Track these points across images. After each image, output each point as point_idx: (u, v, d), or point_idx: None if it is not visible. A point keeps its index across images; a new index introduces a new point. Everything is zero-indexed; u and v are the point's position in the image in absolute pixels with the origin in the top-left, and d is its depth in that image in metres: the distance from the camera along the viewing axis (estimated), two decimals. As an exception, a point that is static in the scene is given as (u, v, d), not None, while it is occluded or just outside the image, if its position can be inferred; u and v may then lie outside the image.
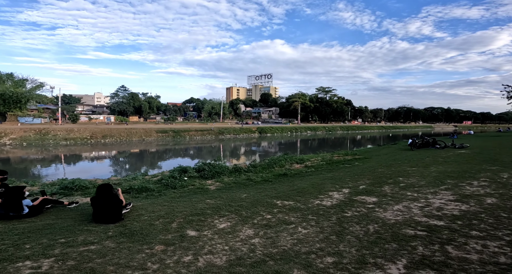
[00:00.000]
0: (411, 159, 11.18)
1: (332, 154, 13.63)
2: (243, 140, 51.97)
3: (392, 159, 11.80)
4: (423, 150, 15.37)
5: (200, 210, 4.69)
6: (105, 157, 29.01)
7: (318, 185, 6.70)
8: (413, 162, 10.21)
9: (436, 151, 14.40)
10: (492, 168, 8.20)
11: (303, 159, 11.25)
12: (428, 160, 10.65)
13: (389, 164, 10.07)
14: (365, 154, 14.18)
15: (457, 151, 14.27)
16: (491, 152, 12.74)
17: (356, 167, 9.90)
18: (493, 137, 26.88)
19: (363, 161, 11.30)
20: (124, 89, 61.03)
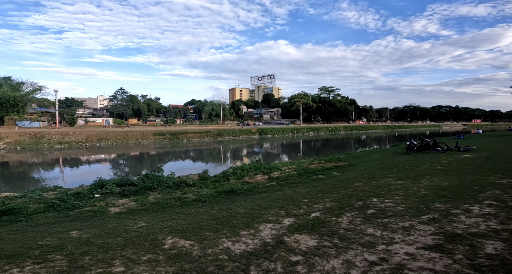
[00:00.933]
0: (402, 167, 9.22)
1: (313, 160, 11.74)
2: (241, 142, 50.27)
3: (380, 166, 9.85)
4: (421, 154, 13.30)
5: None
6: (88, 161, 27.68)
7: (260, 209, 4.91)
8: (403, 172, 8.26)
9: (436, 155, 12.33)
10: (502, 181, 6.22)
11: (272, 168, 9.44)
12: (422, 169, 8.67)
13: (372, 174, 8.16)
14: (352, 160, 12.23)
15: (461, 154, 12.17)
16: (502, 157, 10.63)
17: (330, 179, 8.03)
18: (503, 136, 24.34)
19: (344, 170, 9.41)
20: (123, 92, 60.27)
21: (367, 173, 8.43)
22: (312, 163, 10.87)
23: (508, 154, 11.75)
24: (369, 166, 10.13)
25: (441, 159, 11.02)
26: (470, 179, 6.70)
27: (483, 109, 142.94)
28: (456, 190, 5.53)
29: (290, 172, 9.10)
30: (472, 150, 13.45)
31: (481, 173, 7.43)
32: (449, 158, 11.03)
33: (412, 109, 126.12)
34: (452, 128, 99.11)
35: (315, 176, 8.49)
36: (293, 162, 11.92)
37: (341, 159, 11.82)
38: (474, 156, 11.52)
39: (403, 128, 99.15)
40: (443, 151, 13.46)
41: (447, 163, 9.82)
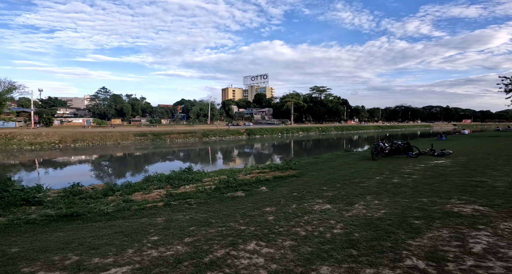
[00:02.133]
0: (351, 180, 7.14)
1: (255, 169, 9.62)
2: (227, 143, 48.09)
3: (326, 178, 7.77)
4: (389, 160, 11.28)
5: None
6: (45, 164, 25.16)
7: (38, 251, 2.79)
8: (345, 188, 6.19)
9: (404, 161, 10.31)
10: (464, 209, 4.15)
11: (192, 180, 7.33)
12: (373, 183, 6.61)
13: (305, 192, 6.07)
14: (306, 168, 10.15)
15: (434, 160, 10.16)
16: (481, 164, 8.64)
17: (247, 197, 5.93)
18: (490, 137, 22.51)
19: (279, 184, 7.32)
20: (105, 91, 57.61)
21: (300, 190, 6.34)
22: (251, 172, 8.77)
23: (491, 159, 9.76)
24: (315, 177, 8.04)
25: (407, 166, 8.99)
26: (421, 202, 4.63)
27: (473, 110, 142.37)
28: (383, 229, 3.45)
29: (211, 185, 7.00)
30: (448, 154, 11.46)
31: (443, 190, 5.39)
32: (416, 166, 9.00)
33: (404, 109, 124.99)
34: (443, 129, 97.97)
35: (234, 192, 6.39)
36: (234, 169, 9.83)
37: (291, 167, 9.73)
38: (448, 162, 9.52)
39: (394, 129, 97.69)
40: (415, 155, 11.45)
41: (410, 172, 7.77)
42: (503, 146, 14.98)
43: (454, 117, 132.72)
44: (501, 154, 11.34)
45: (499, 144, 16.33)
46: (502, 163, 8.62)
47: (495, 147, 14.51)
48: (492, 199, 4.62)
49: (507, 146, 14.86)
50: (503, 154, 11.31)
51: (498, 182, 5.87)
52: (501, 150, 13.00)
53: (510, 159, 9.51)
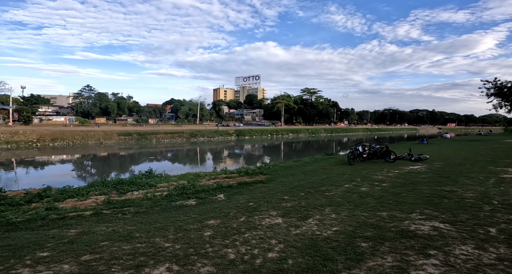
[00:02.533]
0: (317, 188, 6.62)
1: (221, 173, 9.00)
2: (215, 144, 47.23)
3: (294, 185, 7.23)
4: (366, 164, 10.89)
5: None
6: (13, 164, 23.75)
7: None
8: (307, 198, 5.64)
9: (379, 167, 9.92)
10: (422, 226, 3.66)
11: (146, 185, 6.64)
12: (339, 192, 6.10)
13: (263, 202, 5.49)
14: (277, 173, 9.61)
15: (409, 166, 9.81)
16: (455, 171, 8.32)
17: (196, 207, 5.30)
18: (470, 141, 22.67)
19: (240, 191, 6.71)
20: (89, 89, 55.61)
21: (259, 199, 5.76)
22: (217, 177, 8.14)
23: (467, 165, 9.48)
24: (282, 184, 7.48)
25: (381, 172, 8.57)
26: (380, 217, 4.13)
27: (458, 114, 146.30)
28: (323, 255, 2.88)
29: (163, 191, 6.33)
30: (425, 159, 11.17)
31: (408, 202, 4.92)
32: (390, 172, 8.60)
33: (392, 112, 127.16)
34: (428, 132, 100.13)
35: (185, 200, 5.75)
36: (200, 173, 9.17)
37: (262, 172, 9.16)
38: (423, 168, 9.17)
39: (382, 131, 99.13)
40: (392, 160, 11.10)
41: (382, 180, 7.33)
42: (482, 150, 14.90)
43: (439, 121, 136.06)
44: (478, 159, 11.13)
45: (478, 148, 16.29)
46: (478, 170, 8.31)
47: (474, 151, 14.40)
48: (456, 214, 4.17)
49: (486, 150, 14.79)
50: (480, 159, 11.10)
51: (468, 192, 5.47)
52: (479, 154, 12.85)
53: (487, 165, 9.24)
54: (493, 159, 10.94)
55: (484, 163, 9.83)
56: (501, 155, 12.58)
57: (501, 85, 29.12)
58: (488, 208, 4.42)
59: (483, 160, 10.83)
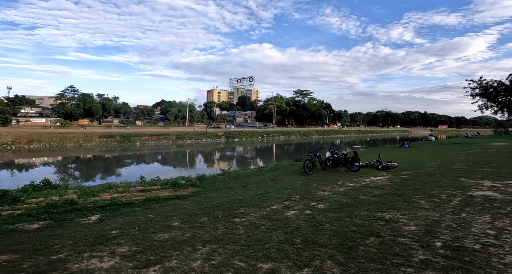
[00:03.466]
0: (236, 209, 5.00)
1: (135, 185, 7.33)
2: (203, 146, 45.50)
3: (212, 204, 5.62)
4: (327, 173, 9.36)
5: None
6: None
7: None
8: (203, 227, 4.03)
9: (338, 178, 8.37)
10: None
11: (13, 199, 4.99)
12: (256, 217, 4.52)
13: (119, 234, 3.89)
14: (214, 184, 7.99)
15: (370, 177, 8.26)
16: (418, 183, 6.80)
17: (18, 235, 3.70)
18: (454, 145, 21.31)
19: (131, 211, 5.07)
20: (73, 90, 53.53)
21: (138, 223, 4.14)
22: (126, 190, 6.50)
23: (436, 176, 7.97)
24: (198, 202, 5.86)
25: (332, 186, 7.02)
26: (270, 266, 2.56)
27: (449, 116, 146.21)
28: None
29: (28, 209, 4.70)
30: (393, 167, 9.66)
31: (319, 243, 3.30)
32: (343, 185, 7.04)
33: (384, 114, 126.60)
34: (420, 134, 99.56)
35: (28, 223, 4.10)
36: (110, 184, 7.48)
37: (194, 184, 7.54)
38: (384, 180, 7.63)
39: (374, 133, 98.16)
40: (356, 169, 9.56)
41: (324, 198, 5.75)
42: (463, 155, 13.46)
43: (431, 123, 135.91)
44: (453, 167, 9.64)
45: (459, 153, 14.87)
46: (445, 183, 6.79)
47: (452, 157, 12.93)
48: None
49: (467, 156, 13.35)
50: (456, 167, 9.62)
51: (411, 223, 3.88)
52: (457, 161, 11.39)
53: (459, 177, 7.74)
54: (471, 167, 9.47)
55: (457, 173, 8.33)
56: (481, 161, 11.13)
57: (486, 85, 27.73)
58: (420, 257, 2.87)
59: (458, 168, 9.34)
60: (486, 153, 14.70)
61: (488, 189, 5.98)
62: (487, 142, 23.42)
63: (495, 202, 4.86)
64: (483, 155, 13.71)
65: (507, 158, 12.20)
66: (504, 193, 5.59)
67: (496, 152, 14.78)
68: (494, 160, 11.60)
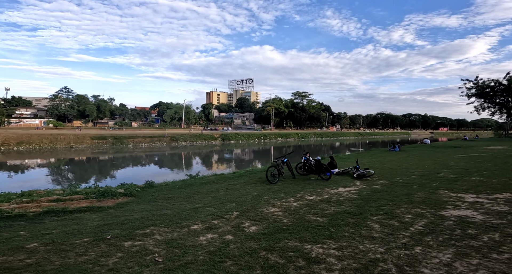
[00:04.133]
0: (134, 230, 3.87)
1: (51, 193, 6.24)
2: (197, 148, 44.48)
3: (119, 220, 4.52)
4: (292, 182, 8.24)
5: None
6: None
7: None
8: (71, 253, 2.97)
9: (301, 188, 7.25)
10: None
11: None
12: (149, 244, 3.43)
13: None
14: (152, 194, 6.91)
15: (338, 187, 7.12)
16: (385, 199, 5.68)
17: None
18: (449, 148, 20.01)
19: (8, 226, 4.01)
20: (67, 91, 52.89)
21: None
22: (34, 200, 5.44)
23: (413, 187, 6.82)
24: (115, 215, 4.78)
25: (287, 200, 5.90)
26: None
27: (450, 118, 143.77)
28: None
29: None
30: (370, 175, 8.48)
31: None
32: (300, 200, 5.91)
33: (384, 116, 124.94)
34: (420, 136, 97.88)
35: None
36: (24, 192, 6.41)
37: (129, 193, 6.46)
38: (351, 192, 6.48)
39: (373, 135, 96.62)
40: (326, 177, 8.40)
41: (263, 217, 4.63)
42: (453, 161, 12.24)
43: (431, 125, 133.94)
44: (437, 175, 8.45)
45: (451, 157, 13.64)
46: (418, 198, 5.62)
47: (441, 163, 11.70)
48: None
49: (458, 161, 12.12)
50: (440, 176, 8.43)
51: (335, 268, 2.75)
52: (446, 167, 10.19)
53: (439, 189, 6.57)
54: (458, 176, 8.28)
55: (439, 183, 7.15)
56: (472, 168, 9.93)
57: (483, 85, 26.10)
58: None
59: (443, 177, 8.15)
60: (480, 157, 13.46)
61: (469, 207, 4.81)
62: (484, 145, 22.10)
63: (469, 228, 3.70)
64: (476, 160, 12.48)
65: (502, 164, 10.98)
66: (487, 213, 4.42)
67: (491, 157, 13.54)
68: (487, 166, 10.39)
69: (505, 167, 9.95)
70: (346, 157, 15.72)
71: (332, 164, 9.86)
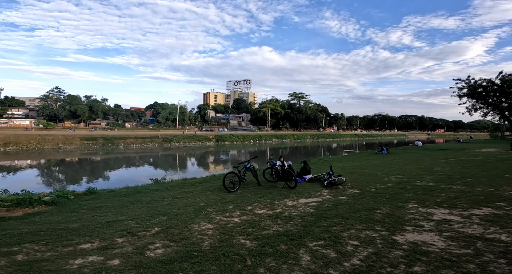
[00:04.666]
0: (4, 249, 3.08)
1: None
2: (190, 149, 43.56)
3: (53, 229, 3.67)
4: (258, 190, 7.38)
5: None
6: None
7: None
8: None
9: (262, 196, 6.41)
10: None
11: None
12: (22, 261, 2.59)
13: None
14: (81, 203, 6.03)
15: (299, 199, 6.25)
16: (342, 215, 4.83)
17: None
18: (439, 151, 19.17)
19: None
20: (59, 91, 51.96)
21: None
22: None
23: (383, 199, 5.98)
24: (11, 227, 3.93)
25: (237, 212, 5.06)
26: None
27: (447, 120, 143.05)
28: None
29: None
30: (341, 183, 7.62)
31: None
32: (251, 213, 5.06)
33: (381, 118, 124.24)
34: (417, 137, 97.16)
35: None
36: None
37: (51, 201, 5.59)
38: (310, 205, 5.62)
39: (370, 137, 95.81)
40: (292, 186, 7.53)
41: (186, 236, 3.79)
42: (440, 165, 11.37)
43: (428, 127, 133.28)
44: (415, 184, 7.59)
45: (439, 161, 12.78)
46: (381, 214, 4.77)
47: (426, 167, 10.85)
48: None
49: (444, 165, 11.26)
50: (418, 184, 7.57)
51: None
52: (429, 172, 9.35)
53: (410, 200, 5.72)
54: (437, 184, 7.42)
55: (413, 194, 6.29)
56: (457, 174, 9.08)
57: (475, 85, 25.13)
58: None
59: (420, 185, 7.29)
60: (469, 161, 12.61)
61: (433, 227, 3.94)
62: (477, 148, 21.26)
63: (418, 262, 2.82)
64: (464, 164, 11.64)
65: (490, 169, 10.13)
66: (452, 237, 3.55)
67: (481, 161, 12.70)
68: (473, 172, 9.54)
69: (493, 173, 9.10)
70: (330, 160, 14.86)
71: (305, 170, 9.01)
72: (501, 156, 14.74)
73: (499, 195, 5.94)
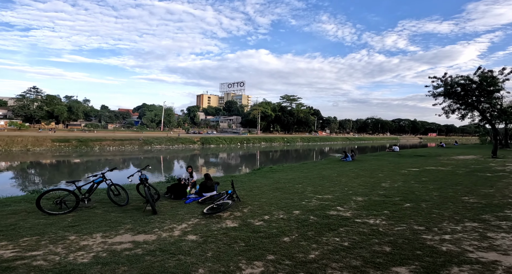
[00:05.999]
0: None
1: None
2: (171, 152, 41.22)
3: None
4: (104, 214, 5.14)
5: None
6: None
7: None
8: None
9: (122, 222, 4.16)
10: None
11: None
12: None
13: None
14: None
15: (164, 227, 4.02)
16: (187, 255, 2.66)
17: None
18: (412, 158, 16.98)
19: None
20: (36, 91, 49.59)
21: None
22: None
23: (239, 246, 3.79)
24: None
25: (91, 241, 2.82)
26: None
27: (439, 124, 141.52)
28: None
29: None
30: (227, 207, 5.40)
31: None
32: (97, 245, 2.85)
33: (374, 121, 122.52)
34: (409, 142, 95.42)
35: None
36: None
37: None
38: (157, 242, 3.40)
39: (362, 140, 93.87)
40: (155, 208, 5.32)
41: None
42: (394, 178, 9.17)
43: (420, 130, 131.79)
44: (323, 216, 5.41)
45: (396, 172, 10.57)
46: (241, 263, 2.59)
47: (374, 182, 8.63)
48: None
49: (397, 179, 9.04)
50: (326, 216, 5.41)
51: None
52: (369, 191, 7.17)
53: (259, 259, 3.54)
54: (354, 215, 5.25)
55: (296, 237, 4.11)
56: (399, 193, 6.91)
57: (451, 83, 22.46)
58: None
59: (328, 218, 5.13)
60: (431, 173, 10.43)
61: None
62: (456, 154, 19.15)
63: None
64: (422, 177, 9.46)
65: (449, 186, 7.96)
66: None
67: (446, 173, 10.53)
68: (424, 190, 7.37)
69: (448, 194, 6.93)
70: (280, 169, 12.62)
71: (205, 186, 6.81)
72: (475, 166, 12.61)
73: (419, 246, 3.68)
